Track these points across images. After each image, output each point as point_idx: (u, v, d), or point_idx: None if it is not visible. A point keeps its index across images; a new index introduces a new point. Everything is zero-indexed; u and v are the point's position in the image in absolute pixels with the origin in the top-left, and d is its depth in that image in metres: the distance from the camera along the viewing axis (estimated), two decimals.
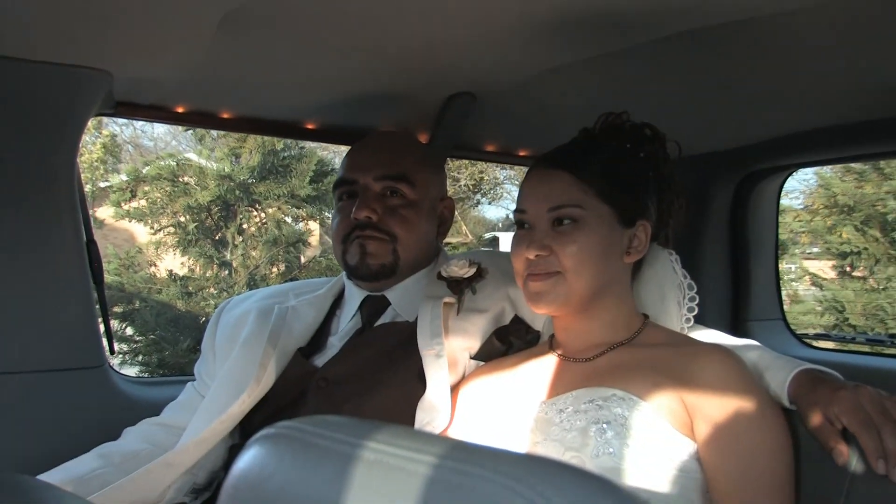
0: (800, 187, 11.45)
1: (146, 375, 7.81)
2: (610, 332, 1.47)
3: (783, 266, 10.49)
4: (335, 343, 1.76)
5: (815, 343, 2.85)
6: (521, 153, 2.61)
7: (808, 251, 10.52)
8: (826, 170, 9.48)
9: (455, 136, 2.22)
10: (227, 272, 9.15)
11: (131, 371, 8.11)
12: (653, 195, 1.50)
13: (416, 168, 1.80)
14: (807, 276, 10.08)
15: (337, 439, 0.61)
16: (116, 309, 8.44)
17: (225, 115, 2.12)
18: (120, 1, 1.35)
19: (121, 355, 8.33)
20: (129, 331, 8.53)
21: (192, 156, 9.64)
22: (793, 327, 2.86)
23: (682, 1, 1.48)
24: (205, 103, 2.05)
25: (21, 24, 1.45)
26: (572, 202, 1.42)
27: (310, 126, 2.26)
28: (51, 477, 1.59)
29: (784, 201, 10.25)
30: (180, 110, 2.04)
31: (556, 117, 2.18)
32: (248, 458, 0.64)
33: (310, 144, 9.31)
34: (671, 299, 1.59)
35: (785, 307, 2.82)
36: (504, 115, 2.23)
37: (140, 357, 8.44)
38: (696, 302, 1.58)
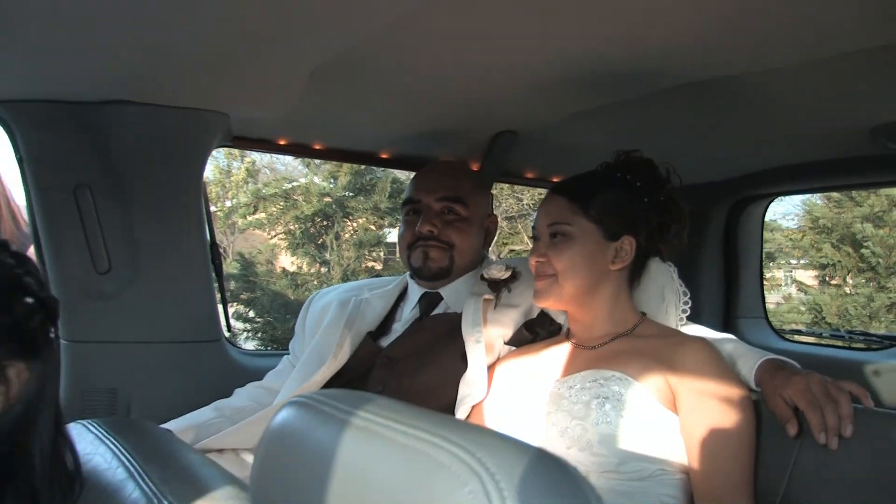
0: (794, 210, 11.25)
1: (263, 348, 7.95)
2: (610, 325, 1.46)
3: (780, 274, 10.32)
4: (398, 329, 1.76)
5: (790, 337, 2.82)
6: (554, 180, 2.59)
7: (797, 263, 10.32)
8: (815, 198, 9.39)
9: (500, 165, 2.21)
10: (326, 269, 9.29)
11: (252, 344, 8.28)
12: (643, 216, 1.46)
13: (469, 191, 1.79)
14: (794, 284, 9.94)
15: (338, 408, 0.63)
16: (242, 296, 8.62)
17: (317, 147, 2.14)
18: (234, 58, 1.37)
19: (245, 332, 8.51)
20: (251, 313, 8.71)
21: (302, 178, 9.82)
22: (780, 323, 2.81)
23: (683, 60, 1.47)
24: (301, 136, 2.07)
25: (158, 78, 1.49)
26: (563, 220, 1.43)
27: (384, 155, 2.26)
28: (177, 423, 1.63)
29: (782, 222, 10.11)
30: (282, 142, 2.06)
31: (582, 151, 2.15)
32: (279, 417, 0.69)
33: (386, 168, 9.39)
34: (671, 302, 1.57)
35: (779, 307, 2.80)
36: (540, 149, 2.21)
37: (259, 334, 8.63)
38: (689, 305, 1.57)
